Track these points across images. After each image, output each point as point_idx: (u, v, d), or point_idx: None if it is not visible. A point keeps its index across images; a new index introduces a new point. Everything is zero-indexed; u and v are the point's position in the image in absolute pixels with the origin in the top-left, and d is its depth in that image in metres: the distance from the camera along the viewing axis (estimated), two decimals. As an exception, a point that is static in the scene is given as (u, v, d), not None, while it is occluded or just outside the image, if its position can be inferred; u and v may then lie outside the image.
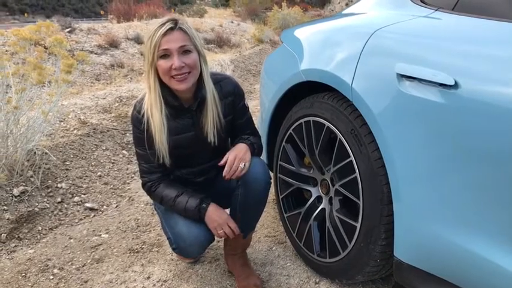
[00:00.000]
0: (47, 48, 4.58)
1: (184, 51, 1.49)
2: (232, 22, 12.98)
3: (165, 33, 1.46)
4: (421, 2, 1.56)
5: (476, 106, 1.10)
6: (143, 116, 1.58)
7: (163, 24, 1.47)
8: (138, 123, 1.60)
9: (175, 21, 1.48)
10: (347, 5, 2.18)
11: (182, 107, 1.61)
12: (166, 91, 1.57)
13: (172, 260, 2.00)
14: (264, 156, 2.30)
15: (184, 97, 1.60)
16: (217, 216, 1.61)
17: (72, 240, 2.22)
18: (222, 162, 1.59)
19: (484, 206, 1.11)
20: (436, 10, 1.46)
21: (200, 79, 1.58)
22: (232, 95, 1.68)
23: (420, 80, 1.24)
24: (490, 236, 1.10)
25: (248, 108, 1.77)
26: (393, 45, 1.45)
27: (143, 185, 1.70)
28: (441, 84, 1.17)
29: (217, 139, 1.64)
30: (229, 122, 1.71)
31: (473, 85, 1.12)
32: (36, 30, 2.69)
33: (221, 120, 1.64)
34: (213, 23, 11.45)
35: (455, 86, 1.14)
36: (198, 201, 1.61)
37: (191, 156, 1.70)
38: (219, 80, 1.67)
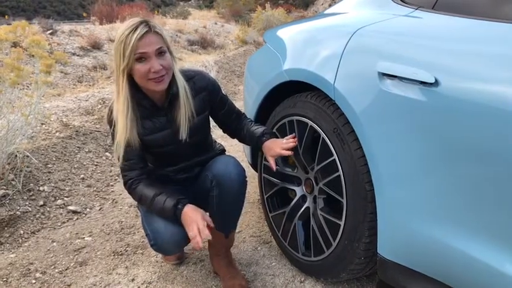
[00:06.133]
0: (26, 50, 4.52)
1: (159, 53, 1.49)
2: (216, 23, 12.97)
3: (141, 37, 1.44)
4: (402, 1, 1.57)
5: (456, 103, 1.11)
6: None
7: (136, 27, 1.44)
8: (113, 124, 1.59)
9: (147, 24, 1.47)
10: (330, 6, 2.19)
11: (156, 106, 1.61)
12: (139, 94, 1.57)
13: (157, 261, 1.98)
14: (248, 156, 2.31)
15: (156, 97, 1.60)
16: (191, 214, 1.53)
17: (55, 244, 2.19)
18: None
19: (466, 203, 1.12)
20: (417, 9, 1.48)
21: (171, 77, 1.58)
22: (205, 90, 1.69)
23: (401, 78, 1.25)
24: (472, 232, 1.11)
25: (227, 96, 1.81)
26: (374, 44, 1.46)
27: (124, 184, 1.68)
28: (422, 82, 1.18)
29: (188, 135, 1.64)
30: (206, 117, 1.74)
31: (453, 83, 1.13)
32: (12, 31, 2.64)
33: (194, 115, 1.64)
34: (197, 25, 11.42)
35: (436, 83, 1.15)
36: (175, 202, 1.56)
37: (172, 154, 1.70)
38: (192, 77, 1.68)
